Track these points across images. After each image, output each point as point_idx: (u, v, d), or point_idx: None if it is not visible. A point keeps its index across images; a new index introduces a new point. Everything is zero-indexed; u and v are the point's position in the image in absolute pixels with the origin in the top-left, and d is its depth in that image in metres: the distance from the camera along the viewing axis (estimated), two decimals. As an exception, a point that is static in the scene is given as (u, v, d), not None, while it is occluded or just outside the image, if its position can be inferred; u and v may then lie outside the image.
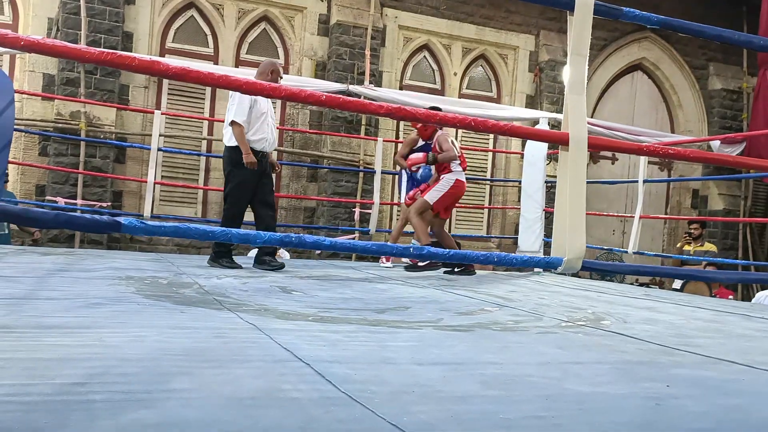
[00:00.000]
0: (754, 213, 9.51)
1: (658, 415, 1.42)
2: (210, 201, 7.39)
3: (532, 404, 1.45)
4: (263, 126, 4.46)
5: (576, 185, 1.82)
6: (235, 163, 4.46)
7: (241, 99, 4.33)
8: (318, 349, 1.88)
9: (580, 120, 1.83)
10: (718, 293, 7.10)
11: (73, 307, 2.31)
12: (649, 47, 9.20)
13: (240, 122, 4.35)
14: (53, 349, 1.64)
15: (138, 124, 6.99)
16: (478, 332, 2.44)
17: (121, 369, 1.48)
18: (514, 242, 7.82)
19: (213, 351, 1.77)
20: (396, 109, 1.64)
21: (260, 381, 1.47)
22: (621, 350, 2.24)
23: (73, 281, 3.12)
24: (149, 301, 2.59)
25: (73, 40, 6.53)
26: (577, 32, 1.83)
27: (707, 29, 2.01)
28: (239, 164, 4.41)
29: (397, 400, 1.40)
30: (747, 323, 3.29)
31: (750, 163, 3.68)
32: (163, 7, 7.19)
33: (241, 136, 4.36)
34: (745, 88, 9.45)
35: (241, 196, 4.53)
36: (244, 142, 4.35)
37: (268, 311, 2.59)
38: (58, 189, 6.47)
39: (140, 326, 2.05)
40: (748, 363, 2.09)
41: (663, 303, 4.13)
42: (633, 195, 8.51)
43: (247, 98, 4.31)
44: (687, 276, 6.67)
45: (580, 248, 1.87)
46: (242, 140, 4.35)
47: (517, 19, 8.53)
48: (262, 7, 7.56)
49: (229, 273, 4.09)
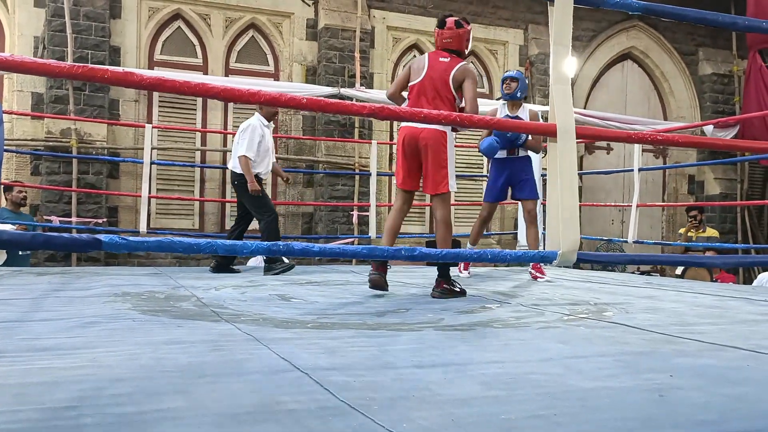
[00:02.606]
0: (752, 196, 9.50)
1: (661, 408, 1.40)
2: (207, 212, 7.37)
3: (534, 403, 1.43)
4: (266, 158, 5.08)
5: (567, 176, 1.80)
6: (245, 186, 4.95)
7: (252, 136, 4.90)
8: (316, 357, 1.86)
9: (567, 110, 1.81)
10: (720, 278, 7.08)
11: (67, 328, 2.28)
12: (637, 36, 9.19)
13: (250, 157, 4.89)
14: (45, 372, 1.61)
15: (130, 139, 6.96)
16: (479, 331, 2.41)
17: (113, 390, 1.45)
18: (513, 237, 7.80)
19: (209, 365, 1.74)
20: (379, 109, 1.62)
21: (257, 394, 1.45)
22: (623, 342, 2.21)
23: (68, 301, 3.09)
24: (145, 317, 2.56)
25: (60, 57, 6.50)
26: (559, 23, 1.81)
27: (690, 12, 1.99)
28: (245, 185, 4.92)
29: (396, 406, 1.38)
30: (749, 307, 3.27)
31: (743, 146, 3.67)
32: (150, 19, 7.16)
33: (248, 167, 4.87)
34: (736, 72, 9.44)
35: (269, 203, 5.07)
36: (250, 172, 4.87)
37: (266, 320, 2.57)
38: (52, 208, 6.44)
39: (135, 344, 2.03)
40: (752, 348, 2.07)
41: (664, 291, 4.10)
42: (630, 184, 8.49)
43: (257, 135, 4.92)
44: (685, 262, 6.66)
45: (574, 241, 1.84)
46: (248, 171, 4.87)
47: (505, 15, 8.51)
48: (249, 15, 7.54)
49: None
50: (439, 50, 3.64)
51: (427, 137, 3.48)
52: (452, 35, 3.57)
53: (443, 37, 3.59)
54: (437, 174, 3.50)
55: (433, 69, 3.55)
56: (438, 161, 3.49)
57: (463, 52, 3.63)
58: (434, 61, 3.58)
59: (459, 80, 3.52)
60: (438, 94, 3.50)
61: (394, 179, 7.98)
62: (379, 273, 3.43)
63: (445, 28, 3.58)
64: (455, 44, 3.58)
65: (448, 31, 3.58)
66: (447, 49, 3.59)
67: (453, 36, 3.57)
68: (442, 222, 3.54)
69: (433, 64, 3.57)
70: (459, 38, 3.58)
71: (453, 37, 3.57)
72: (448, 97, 3.51)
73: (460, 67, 3.53)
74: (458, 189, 8.43)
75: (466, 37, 3.61)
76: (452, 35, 3.57)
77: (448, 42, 3.58)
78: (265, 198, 5.07)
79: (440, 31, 3.61)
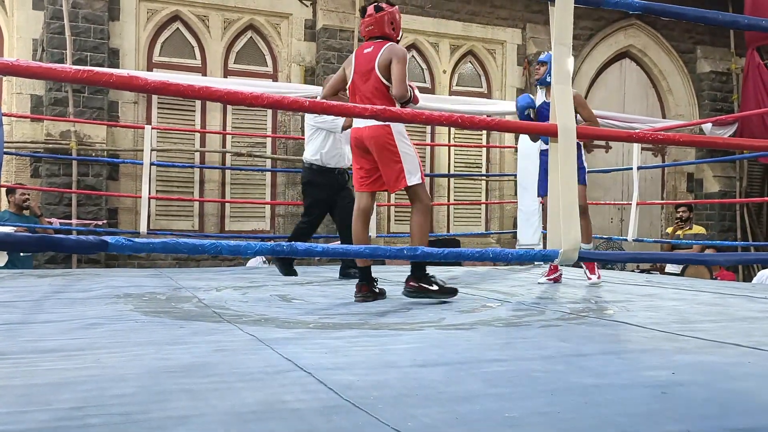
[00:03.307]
0: (750, 193, 9.51)
1: (664, 404, 1.41)
2: (206, 213, 7.37)
3: (537, 400, 1.44)
4: (336, 143, 4.55)
5: (567, 175, 1.81)
6: (308, 181, 4.59)
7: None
8: (319, 357, 1.87)
9: (568, 110, 1.82)
10: (719, 275, 7.09)
11: (70, 329, 2.29)
12: (635, 34, 9.20)
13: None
14: (50, 373, 1.62)
15: (129, 140, 6.96)
16: (480, 329, 2.42)
17: (118, 390, 1.45)
18: (513, 236, 7.80)
19: (213, 366, 1.75)
20: (381, 111, 1.63)
21: (261, 393, 1.45)
22: (625, 339, 2.22)
23: (70, 302, 3.09)
24: (148, 318, 2.57)
25: (59, 59, 6.50)
26: (559, 22, 1.82)
27: (690, 11, 1.99)
28: (313, 183, 4.55)
29: (400, 405, 1.38)
30: (749, 304, 3.28)
31: (741, 144, 3.67)
32: (148, 21, 7.17)
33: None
34: (734, 69, 9.45)
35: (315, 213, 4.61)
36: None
37: (268, 321, 2.57)
38: (52, 210, 6.44)
39: (138, 344, 2.03)
40: (753, 345, 2.08)
41: (665, 288, 4.12)
42: (629, 182, 8.50)
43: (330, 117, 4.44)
44: (686, 261, 6.67)
45: (575, 239, 1.85)
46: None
47: (503, 14, 8.52)
48: (248, 16, 7.54)
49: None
50: (365, 42, 3.37)
51: (372, 136, 3.24)
52: (372, 21, 3.29)
53: (365, 26, 3.32)
54: (391, 171, 3.25)
55: (359, 63, 3.30)
56: (388, 158, 3.23)
57: (388, 36, 3.31)
58: (359, 55, 3.33)
59: (386, 64, 3.21)
60: (370, 88, 3.24)
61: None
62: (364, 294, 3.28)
63: (365, 16, 3.33)
64: (377, 30, 3.29)
65: (368, 18, 3.31)
66: (372, 37, 3.31)
67: (373, 22, 3.29)
68: (416, 211, 3.29)
69: (358, 58, 3.33)
70: (380, 22, 3.28)
71: (374, 23, 3.29)
72: (380, 88, 3.23)
73: (384, 50, 3.23)
74: (457, 189, 8.51)
75: (388, 19, 3.29)
76: (372, 21, 3.29)
77: (370, 30, 3.31)
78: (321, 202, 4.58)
79: (362, 20, 3.36)
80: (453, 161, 8.33)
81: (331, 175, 4.56)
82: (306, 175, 4.63)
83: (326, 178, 4.55)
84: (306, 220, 4.62)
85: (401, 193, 8.84)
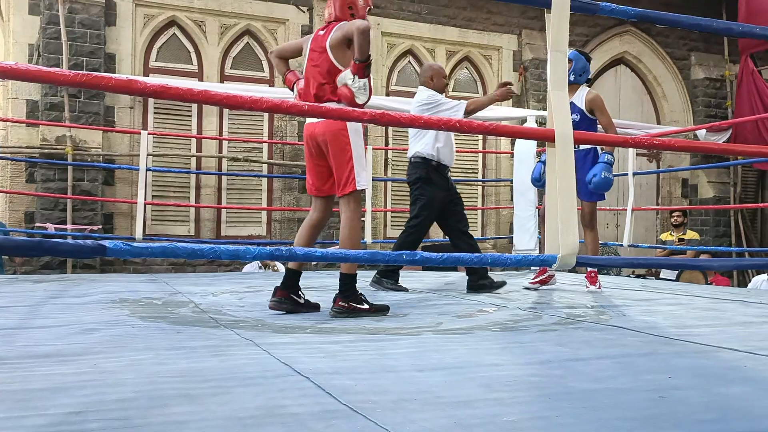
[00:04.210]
0: (745, 199, 9.55)
1: (662, 408, 1.41)
2: (202, 218, 7.36)
3: (536, 404, 1.44)
4: (449, 138, 4.26)
5: (565, 181, 1.82)
6: (425, 178, 4.15)
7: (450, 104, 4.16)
8: (317, 362, 1.87)
9: (565, 116, 1.83)
10: (715, 281, 7.12)
11: (67, 334, 2.28)
12: (630, 41, 9.25)
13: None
14: (47, 378, 1.61)
15: (125, 145, 6.95)
16: (477, 334, 2.43)
17: (117, 395, 1.45)
18: (509, 242, 7.81)
19: (211, 370, 1.75)
20: (380, 115, 1.63)
21: (260, 398, 1.45)
22: (622, 344, 2.23)
23: (67, 307, 3.08)
24: (144, 324, 2.56)
25: (55, 64, 6.50)
26: (555, 29, 1.83)
27: (684, 19, 2.01)
28: (431, 181, 4.15)
29: (399, 409, 1.39)
30: (745, 309, 3.30)
31: (736, 150, 3.69)
32: (145, 26, 7.17)
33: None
34: (728, 76, 9.51)
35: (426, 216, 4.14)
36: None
37: (265, 326, 2.57)
38: (47, 215, 6.42)
39: (136, 350, 2.03)
40: (749, 350, 2.09)
41: (661, 293, 4.13)
42: (624, 188, 8.53)
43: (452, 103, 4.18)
44: (682, 266, 6.70)
45: (573, 244, 1.86)
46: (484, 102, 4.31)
47: (499, 20, 8.56)
48: (244, 22, 7.55)
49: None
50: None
51: (325, 132, 2.93)
52: (330, 4, 3.01)
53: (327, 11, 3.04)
54: (342, 172, 2.94)
55: (313, 46, 2.99)
56: (341, 157, 2.92)
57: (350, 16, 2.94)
58: (315, 38, 3.02)
59: (337, 43, 2.86)
60: (322, 71, 2.92)
61: (390, 184, 8.04)
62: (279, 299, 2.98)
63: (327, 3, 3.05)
64: (335, 13, 2.98)
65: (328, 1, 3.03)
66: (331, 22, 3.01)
67: (331, 5, 3.00)
68: (345, 225, 2.98)
69: (314, 41, 3.01)
70: (336, 5, 2.97)
71: (331, 6, 3.00)
72: (331, 71, 2.89)
73: (335, 29, 2.89)
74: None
75: (345, 2, 2.96)
76: (330, 4, 3.01)
77: (330, 14, 3.01)
78: (436, 202, 4.13)
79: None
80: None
81: (446, 174, 4.21)
82: (419, 172, 4.13)
83: (442, 177, 4.17)
84: (416, 224, 4.13)
85: (397, 198, 8.81)
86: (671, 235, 7.54)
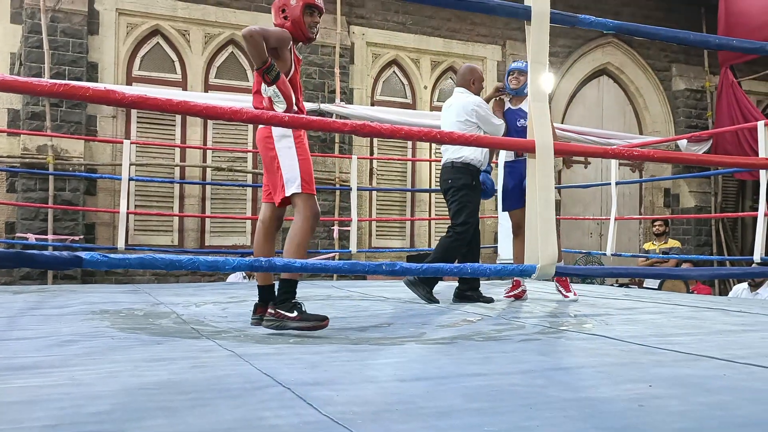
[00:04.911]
0: (725, 208, 9.69)
1: (641, 417, 1.42)
2: (186, 228, 7.31)
3: (517, 414, 1.44)
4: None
5: (544, 192, 1.83)
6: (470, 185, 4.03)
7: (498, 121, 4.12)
8: (299, 372, 1.85)
9: (545, 126, 1.85)
10: (696, 290, 7.19)
11: (45, 346, 2.24)
12: (612, 52, 9.38)
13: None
14: (22, 391, 1.58)
15: (108, 155, 6.89)
16: (460, 344, 2.42)
17: (93, 408, 1.43)
18: (494, 251, 7.85)
19: (190, 382, 1.73)
20: (360, 126, 1.63)
21: (240, 410, 1.44)
22: (603, 353, 2.24)
23: (45, 319, 3.04)
24: (124, 335, 2.53)
25: (37, 73, 6.44)
26: (536, 41, 1.85)
27: (662, 31, 2.05)
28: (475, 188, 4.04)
29: (380, 420, 1.38)
30: (725, 318, 3.33)
31: (714, 161, 3.75)
32: (128, 35, 7.14)
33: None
34: (708, 87, 9.67)
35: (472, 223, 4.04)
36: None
37: (247, 336, 2.55)
38: (28, 225, 6.34)
39: (114, 362, 2.00)
40: (728, 358, 2.11)
41: (643, 302, 4.16)
42: (607, 197, 8.62)
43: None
44: (663, 275, 6.77)
45: (552, 254, 1.87)
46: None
47: (483, 31, 8.64)
48: (229, 31, 7.55)
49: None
50: None
51: (258, 140, 2.86)
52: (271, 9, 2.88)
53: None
54: (274, 180, 2.82)
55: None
56: (270, 165, 2.82)
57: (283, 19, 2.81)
58: None
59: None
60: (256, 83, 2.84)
61: (374, 194, 8.05)
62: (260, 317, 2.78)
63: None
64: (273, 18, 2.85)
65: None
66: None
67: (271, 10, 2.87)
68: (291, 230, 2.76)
69: None
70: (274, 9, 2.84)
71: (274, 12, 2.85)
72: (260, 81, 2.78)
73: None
74: (439, 204, 8.53)
75: (279, 6, 2.82)
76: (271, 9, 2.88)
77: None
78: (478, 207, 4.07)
79: None
80: (434, 176, 8.38)
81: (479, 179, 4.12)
82: (464, 178, 4.01)
83: (479, 182, 4.09)
84: (461, 231, 3.99)
85: (382, 207, 8.81)
86: (653, 244, 7.62)
